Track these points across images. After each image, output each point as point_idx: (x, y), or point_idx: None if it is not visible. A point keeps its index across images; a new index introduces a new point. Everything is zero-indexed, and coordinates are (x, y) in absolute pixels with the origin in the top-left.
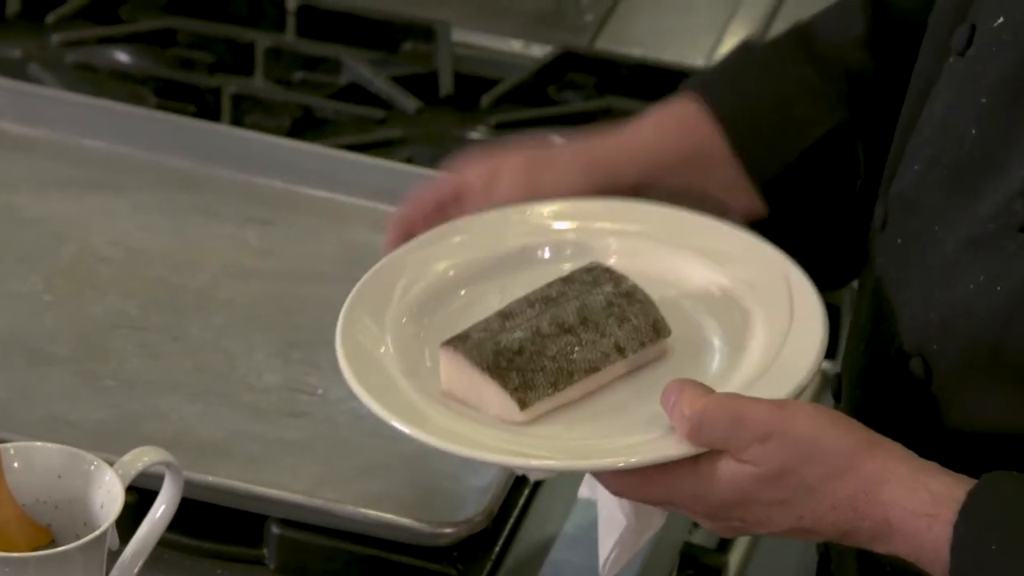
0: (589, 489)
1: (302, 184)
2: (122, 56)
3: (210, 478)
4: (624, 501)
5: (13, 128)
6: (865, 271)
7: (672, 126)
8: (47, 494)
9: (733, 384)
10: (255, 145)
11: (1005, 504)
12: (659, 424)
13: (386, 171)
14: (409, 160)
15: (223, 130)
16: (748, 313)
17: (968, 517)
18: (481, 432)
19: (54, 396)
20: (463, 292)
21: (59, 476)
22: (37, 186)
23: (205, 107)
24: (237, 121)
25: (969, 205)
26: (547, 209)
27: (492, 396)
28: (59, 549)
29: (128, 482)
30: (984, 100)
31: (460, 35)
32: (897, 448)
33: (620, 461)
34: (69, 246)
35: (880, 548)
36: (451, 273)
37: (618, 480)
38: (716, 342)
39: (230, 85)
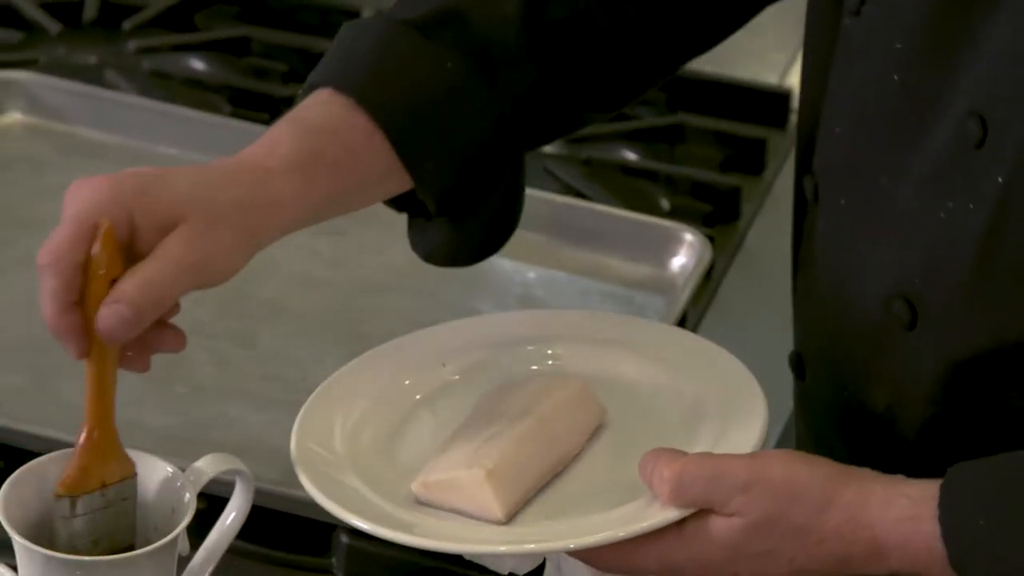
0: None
1: None
2: (197, 64)
3: (280, 487)
4: None
5: (88, 134)
6: (801, 249)
7: (331, 156)
8: None
9: (693, 451)
10: None
11: (979, 480)
12: (641, 494)
13: None
14: None
15: None
16: (679, 389)
17: (949, 504)
18: (472, 529)
19: (124, 402)
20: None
21: None
22: None
23: (278, 116)
24: None
25: (915, 146)
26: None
27: (471, 497)
28: (130, 553)
29: (199, 488)
30: (899, 46)
31: None
32: (866, 471)
33: (620, 531)
34: None
35: (877, 568)
36: (383, 400)
37: (607, 554)
38: (668, 419)
39: None
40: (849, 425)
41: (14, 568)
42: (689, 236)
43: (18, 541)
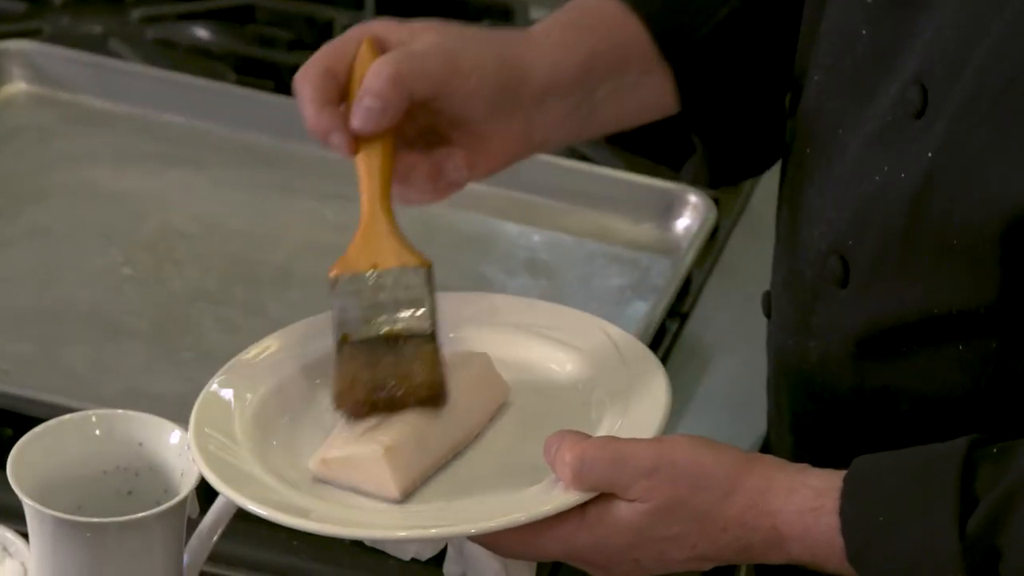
0: (458, 565)
1: None
2: (201, 32)
3: None
4: (495, 564)
5: (93, 103)
6: (780, 188)
7: (590, 23)
8: (128, 461)
9: (596, 434)
10: None
11: (881, 475)
12: (543, 476)
13: None
14: None
15: None
16: (581, 370)
17: (851, 498)
18: (369, 513)
19: (133, 369)
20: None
21: (140, 444)
22: (117, 161)
23: (284, 84)
24: None
25: (867, 103)
26: None
27: (368, 474)
28: (139, 515)
29: None
30: (870, 1)
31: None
32: (772, 459)
33: (521, 515)
34: (149, 221)
35: (776, 558)
36: (285, 381)
37: (509, 539)
38: (571, 401)
39: None
40: (791, 373)
41: (25, 535)
42: (694, 198)
43: (28, 505)
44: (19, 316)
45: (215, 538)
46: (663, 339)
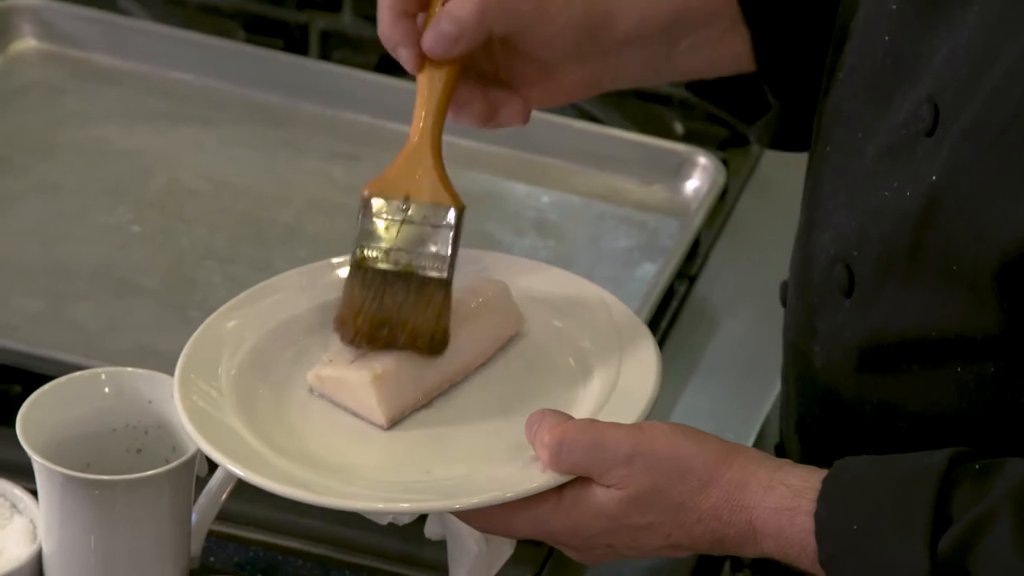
0: (436, 526)
1: (389, 119)
2: None
3: None
4: (475, 531)
5: (103, 60)
6: (807, 176)
7: None
8: (137, 419)
9: (580, 413)
10: (342, 80)
11: (859, 483)
12: (523, 454)
13: None
14: None
15: (311, 65)
16: (577, 342)
17: (827, 502)
18: (348, 481)
19: (142, 326)
20: (291, 347)
21: (149, 401)
22: (126, 118)
23: (293, 42)
24: (325, 56)
25: (884, 113)
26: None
27: (358, 398)
28: (148, 473)
29: None
30: (894, 7)
31: None
32: (753, 452)
33: (497, 495)
34: (157, 178)
35: (749, 552)
36: (274, 327)
37: (484, 516)
38: (565, 372)
39: (318, 20)
40: (794, 369)
41: (34, 492)
42: (703, 160)
43: (37, 462)
44: (28, 272)
45: (224, 496)
46: (671, 301)
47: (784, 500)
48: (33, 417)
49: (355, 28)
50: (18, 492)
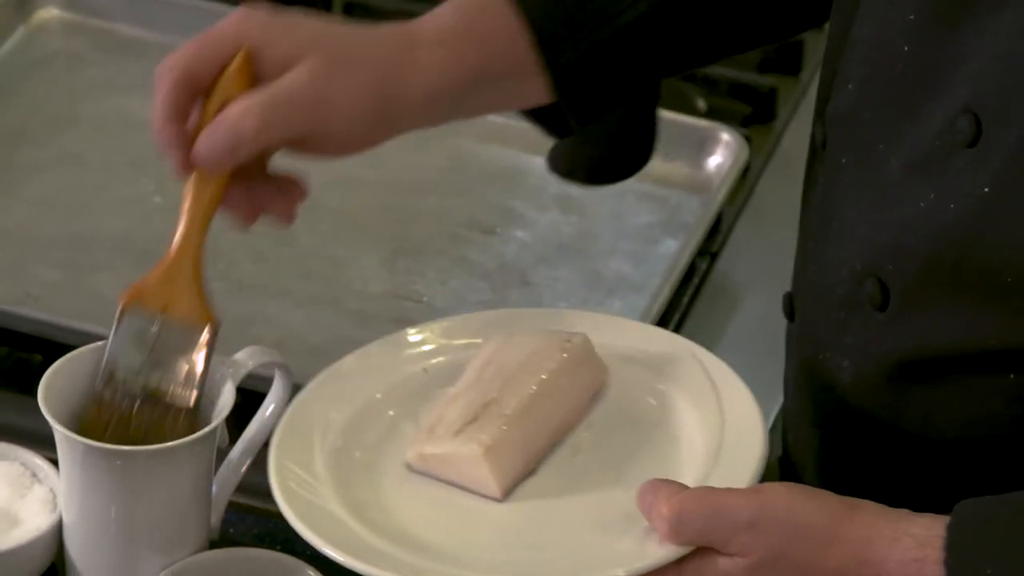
0: None
1: None
2: None
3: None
4: None
5: (126, 30)
6: (808, 191)
7: (480, 34)
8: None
9: (687, 477)
10: None
11: (988, 527)
12: (637, 525)
13: None
14: None
15: None
16: (672, 401)
17: (956, 551)
18: (461, 564)
19: None
20: (379, 424)
21: None
22: (149, 90)
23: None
24: None
25: (910, 123)
26: (433, 328)
27: (468, 473)
28: (170, 444)
29: (239, 380)
30: (912, 17)
31: None
32: (872, 506)
33: (619, 571)
34: None
35: None
36: (363, 404)
37: None
38: (663, 430)
39: None
40: (816, 385)
41: (54, 461)
42: (726, 136)
43: (58, 431)
44: (50, 243)
45: (244, 469)
46: (692, 277)
47: (910, 551)
48: (54, 386)
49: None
50: (39, 461)
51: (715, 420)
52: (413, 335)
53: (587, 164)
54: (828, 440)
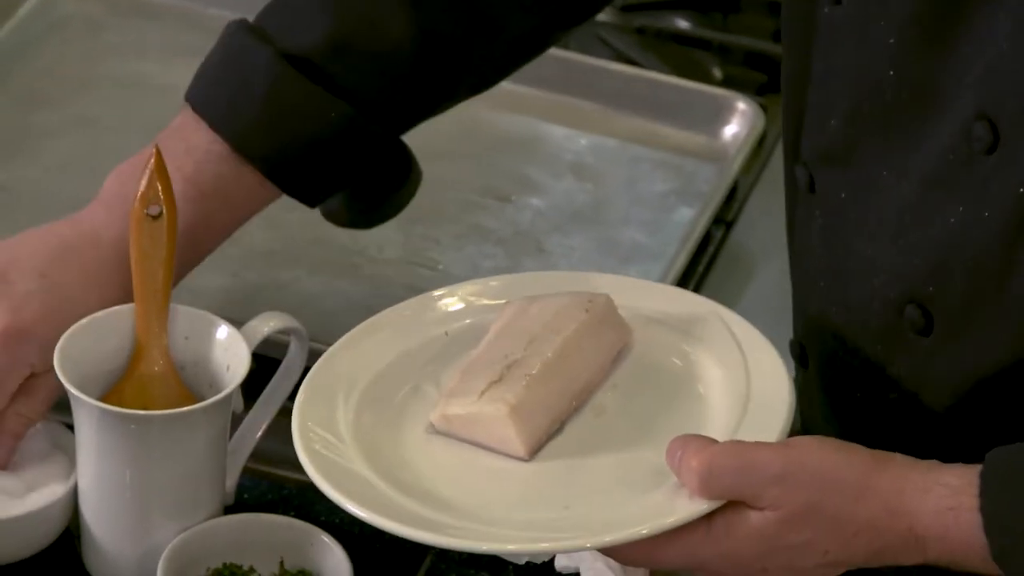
0: (568, 559)
1: None
2: None
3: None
4: (612, 563)
5: None
6: (797, 238)
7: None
8: (173, 356)
9: (715, 432)
10: None
11: (1020, 468)
12: (665, 481)
13: None
14: None
15: None
16: (696, 360)
17: (991, 496)
18: (487, 521)
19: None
20: (403, 386)
21: (186, 338)
22: (165, 54)
23: None
24: None
25: (915, 144)
26: (456, 292)
27: (493, 432)
28: (185, 408)
29: (255, 346)
30: (892, 41)
31: None
32: (902, 458)
33: (643, 529)
34: None
35: (910, 559)
36: (384, 366)
37: (629, 550)
38: (688, 388)
39: None
40: (856, 423)
41: (70, 426)
42: (742, 104)
43: (74, 395)
44: (65, 206)
45: (259, 434)
46: (708, 246)
47: (944, 500)
48: (70, 351)
49: None
50: (55, 426)
51: (741, 378)
52: (435, 298)
53: (347, 214)
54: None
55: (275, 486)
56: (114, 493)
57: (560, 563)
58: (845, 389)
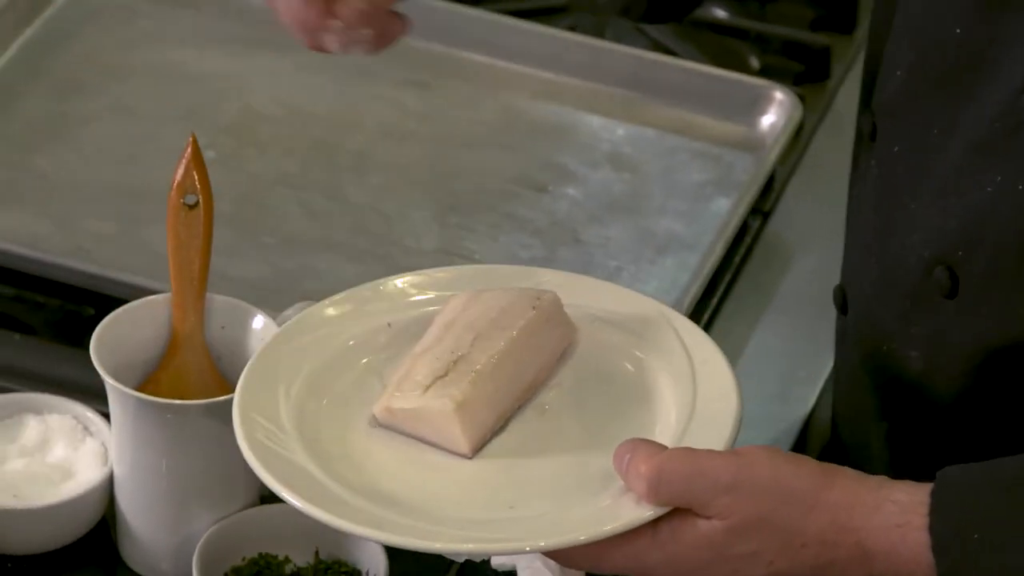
0: (505, 556)
1: (462, 48)
2: None
3: None
4: (551, 563)
5: None
6: (856, 182)
7: None
8: (210, 345)
9: (661, 438)
10: (416, 9)
11: (973, 492)
12: (611, 485)
13: (546, 38)
14: (572, 28)
15: None
16: (643, 362)
17: (941, 515)
18: (430, 519)
19: (214, 251)
20: (345, 376)
21: (222, 327)
22: (200, 43)
23: None
24: None
25: (966, 107)
26: (401, 282)
27: (438, 428)
28: (221, 398)
29: None
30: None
31: None
32: (851, 472)
33: (582, 536)
34: (231, 104)
35: (858, 574)
36: (327, 357)
37: (573, 553)
38: (634, 392)
39: None
40: (883, 377)
41: (106, 415)
42: (779, 94)
43: (110, 384)
44: (101, 194)
45: None
46: (745, 236)
47: (893, 517)
48: (106, 339)
49: None
50: (90, 415)
51: (688, 383)
52: (378, 287)
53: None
54: (897, 433)
55: None
56: (150, 482)
57: (497, 561)
58: (875, 340)
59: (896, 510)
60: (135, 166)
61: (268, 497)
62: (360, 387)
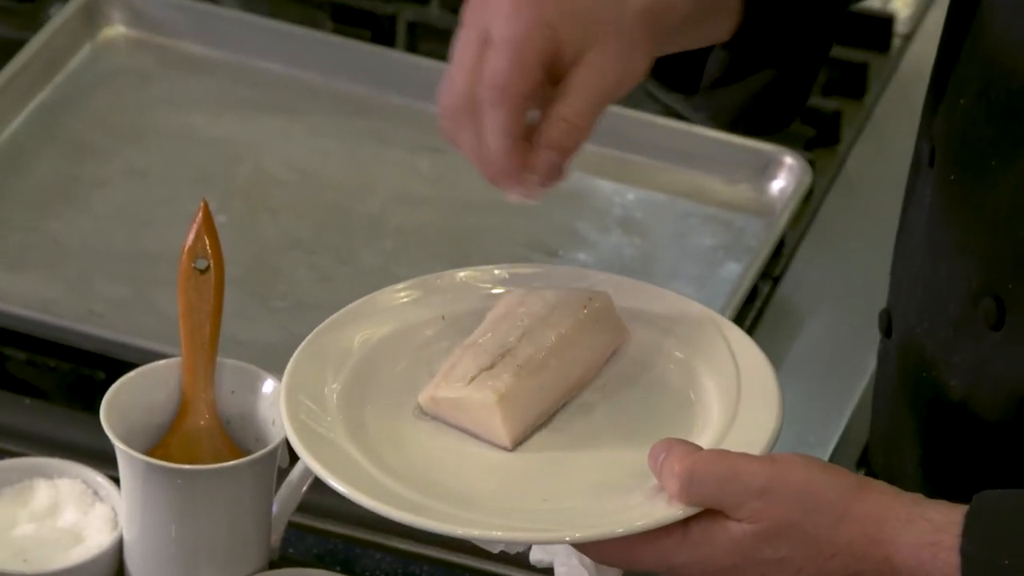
0: (543, 552)
1: None
2: None
3: None
4: (587, 560)
5: (192, 48)
6: (910, 208)
7: None
8: (220, 409)
9: (700, 440)
10: (429, 72)
11: (1008, 519)
12: (646, 483)
13: None
14: None
15: (397, 56)
16: (691, 367)
17: (973, 538)
18: (465, 507)
19: (225, 315)
20: (396, 365)
21: (232, 392)
22: (214, 107)
23: (380, 33)
24: (412, 48)
25: (1022, 140)
26: (460, 276)
27: (479, 419)
28: (230, 463)
29: None
30: None
31: None
32: (885, 486)
33: (619, 528)
34: (244, 167)
35: None
36: (377, 344)
37: (604, 548)
38: (680, 394)
39: (406, 12)
40: (921, 403)
41: (116, 480)
42: (789, 159)
43: (120, 449)
44: (113, 259)
45: (304, 488)
46: (755, 300)
47: (925, 535)
48: (117, 404)
49: (442, 20)
50: (100, 479)
51: (732, 389)
52: (435, 281)
53: (738, 111)
54: (932, 460)
55: (321, 540)
56: (160, 547)
57: (535, 556)
58: (916, 366)
59: (929, 528)
60: (147, 230)
61: (277, 562)
62: (409, 377)
